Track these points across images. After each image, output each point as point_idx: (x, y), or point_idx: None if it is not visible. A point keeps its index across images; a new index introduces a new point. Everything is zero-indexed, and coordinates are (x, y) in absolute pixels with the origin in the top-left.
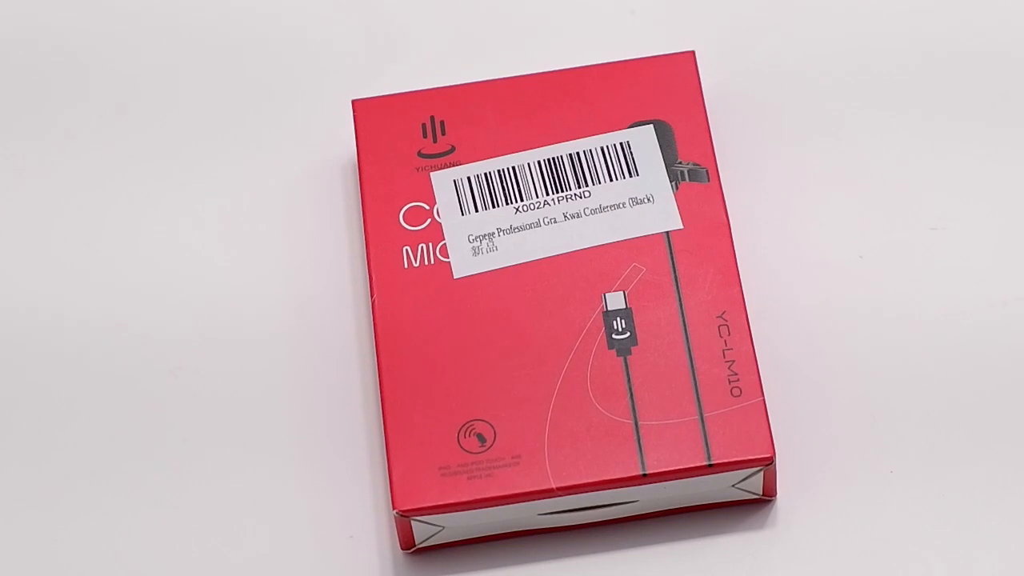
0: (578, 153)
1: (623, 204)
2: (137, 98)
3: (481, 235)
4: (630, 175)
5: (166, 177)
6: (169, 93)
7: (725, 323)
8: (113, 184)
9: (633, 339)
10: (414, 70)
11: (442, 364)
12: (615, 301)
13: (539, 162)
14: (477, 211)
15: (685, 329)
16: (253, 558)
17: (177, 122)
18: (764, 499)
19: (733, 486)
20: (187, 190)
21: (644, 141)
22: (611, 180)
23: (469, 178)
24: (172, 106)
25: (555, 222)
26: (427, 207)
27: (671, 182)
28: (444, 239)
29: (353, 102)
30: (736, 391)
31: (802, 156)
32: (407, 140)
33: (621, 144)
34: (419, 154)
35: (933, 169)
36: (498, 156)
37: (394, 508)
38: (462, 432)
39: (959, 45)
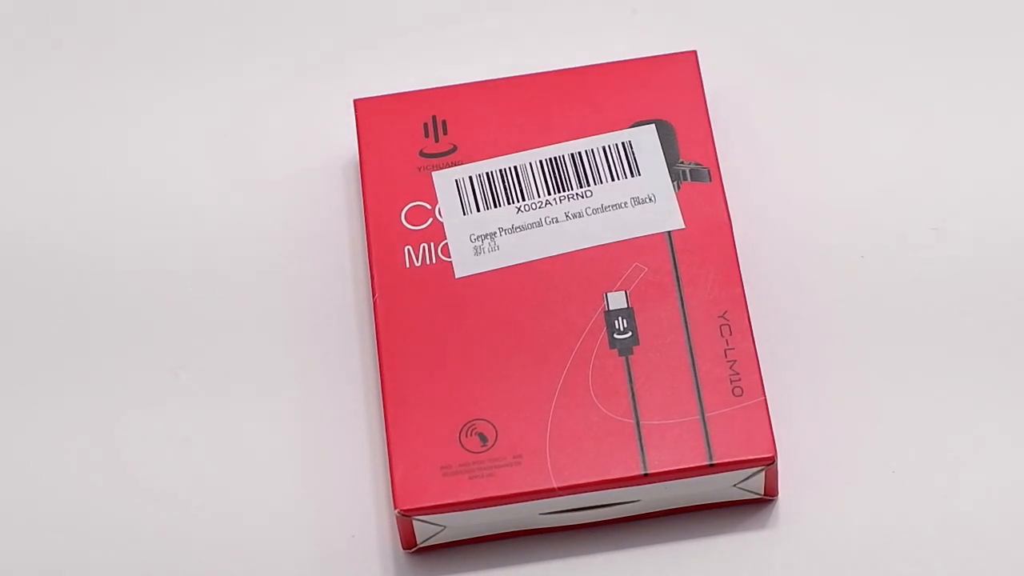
0: (580, 153)
1: (625, 204)
2: (137, 97)
3: (483, 235)
4: (632, 175)
5: (168, 176)
6: (169, 93)
7: (727, 323)
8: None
9: (635, 339)
10: (416, 69)
11: (444, 363)
12: (617, 301)
13: (541, 162)
14: (479, 210)
15: (687, 329)
16: (254, 557)
17: (177, 122)
18: (765, 499)
19: (734, 486)
20: (188, 188)
21: (646, 141)
22: (613, 180)
23: (471, 177)
24: (172, 106)
25: (557, 222)
26: (429, 206)
27: (673, 182)
28: (446, 238)
29: (355, 101)
30: (737, 391)
31: (803, 156)
32: (409, 139)
33: (623, 144)
34: (421, 153)
35: (934, 169)
36: (500, 155)
37: (395, 508)
38: (464, 431)
39: (962, 45)
